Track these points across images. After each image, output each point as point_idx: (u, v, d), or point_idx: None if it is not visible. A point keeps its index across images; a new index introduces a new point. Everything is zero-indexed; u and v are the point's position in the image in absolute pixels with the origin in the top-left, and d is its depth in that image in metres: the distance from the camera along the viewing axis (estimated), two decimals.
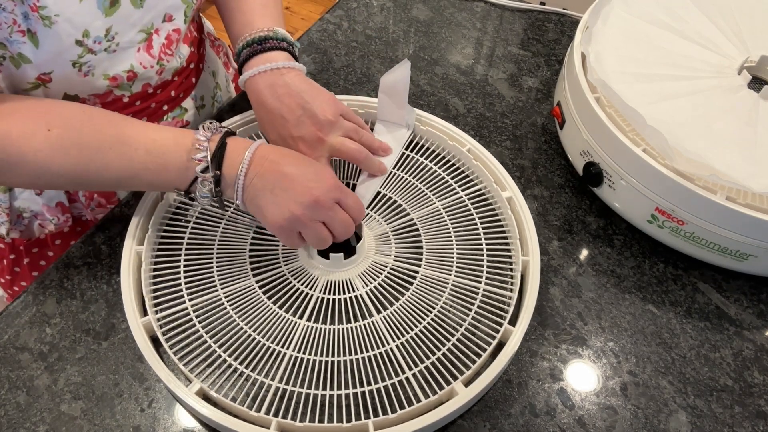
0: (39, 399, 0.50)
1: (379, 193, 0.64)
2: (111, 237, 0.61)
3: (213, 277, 0.56)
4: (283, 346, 0.52)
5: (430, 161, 0.67)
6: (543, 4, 0.91)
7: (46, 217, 0.66)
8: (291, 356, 0.52)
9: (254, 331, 0.53)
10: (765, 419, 0.51)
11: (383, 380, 0.50)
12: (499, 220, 0.62)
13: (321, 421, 0.48)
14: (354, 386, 0.50)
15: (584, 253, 0.62)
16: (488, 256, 0.58)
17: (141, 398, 0.50)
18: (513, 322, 0.52)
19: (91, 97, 0.58)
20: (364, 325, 0.54)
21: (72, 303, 0.56)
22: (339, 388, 0.50)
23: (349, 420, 0.48)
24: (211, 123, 0.53)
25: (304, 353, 0.52)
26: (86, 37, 0.52)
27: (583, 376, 0.53)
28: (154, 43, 0.59)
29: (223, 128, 0.54)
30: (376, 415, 0.48)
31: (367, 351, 0.52)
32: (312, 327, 0.54)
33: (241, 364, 0.51)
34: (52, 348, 0.53)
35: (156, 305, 0.54)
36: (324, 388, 0.50)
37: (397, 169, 0.66)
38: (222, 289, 0.55)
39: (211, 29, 0.83)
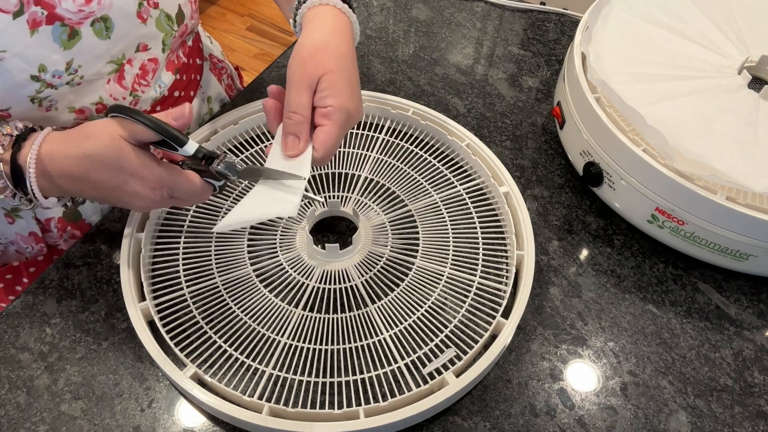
0: (39, 399, 0.50)
1: (361, 177, 0.64)
2: (111, 237, 0.61)
3: (211, 264, 0.57)
4: (278, 334, 0.53)
5: (430, 155, 0.67)
6: (543, 4, 0.91)
7: (21, 246, 0.65)
8: (285, 344, 0.52)
9: (250, 318, 0.54)
10: (765, 419, 0.51)
11: (376, 369, 0.51)
12: (496, 215, 0.62)
13: (313, 407, 0.49)
14: (347, 374, 0.51)
15: (584, 253, 0.62)
16: (484, 249, 0.59)
17: (141, 398, 0.50)
18: (506, 315, 0.53)
19: (60, 130, 0.56)
20: (359, 314, 0.55)
21: (72, 303, 0.56)
22: (332, 376, 0.51)
23: (340, 407, 0.49)
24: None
25: (298, 341, 0.53)
26: (43, 72, 0.50)
27: (583, 376, 0.53)
28: (127, 74, 0.57)
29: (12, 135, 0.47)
30: (367, 402, 0.49)
31: (361, 340, 0.53)
32: (307, 316, 0.55)
33: (236, 350, 0.52)
34: (52, 348, 0.53)
35: (154, 291, 0.55)
36: (317, 376, 0.51)
37: (397, 161, 0.67)
38: (219, 276, 0.56)
39: (216, 51, 0.81)
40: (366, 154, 0.67)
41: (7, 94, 0.50)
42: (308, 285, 0.56)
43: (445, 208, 0.62)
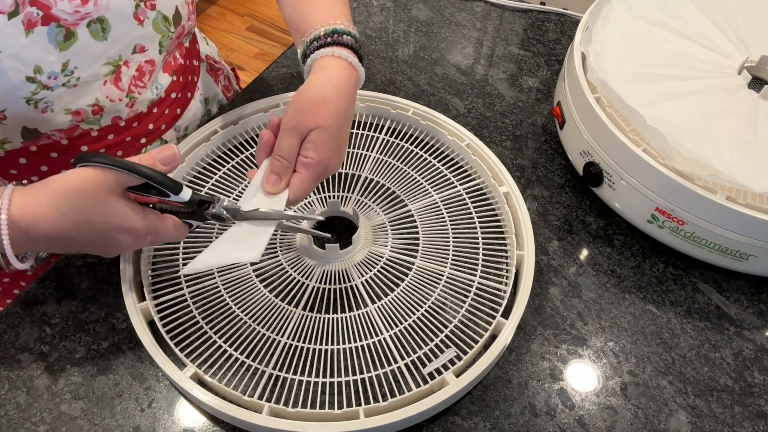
0: (39, 399, 0.50)
1: (366, 178, 0.64)
2: None
3: None
4: (278, 334, 0.53)
5: (429, 155, 0.67)
6: (543, 4, 0.91)
7: None
8: (285, 344, 0.52)
9: (250, 318, 0.54)
10: (765, 419, 0.51)
11: (376, 369, 0.51)
12: (496, 215, 0.62)
13: (313, 407, 0.49)
14: (347, 374, 0.51)
15: (584, 253, 0.62)
16: (484, 249, 0.59)
17: (141, 398, 0.50)
18: (506, 315, 0.53)
19: (56, 132, 0.56)
20: (359, 314, 0.55)
21: (72, 303, 0.56)
22: (332, 376, 0.51)
23: (340, 407, 0.49)
24: None
25: (298, 341, 0.53)
26: (38, 73, 0.49)
27: (583, 376, 0.53)
28: (123, 76, 0.57)
29: None
30: (367, 402, 0.49)
31: (361, 340, 0.53)
32: (307, 316, 0.55)
33: (236, 350, 0.52)
34: (52, 348, 0.53)
35: (154, 291, 0.55)
36: (317, 376, 0.51)
37: (397, 161, 0.67)
38: (219, 276, 0.56)
39: (213, 52, 0.81)
40: (366, 154, 0.67)
41: (2, 95, 0.49)
42: (308, 285, 0.56)
43: (445, 208, 0.62)
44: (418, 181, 0.65)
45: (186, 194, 0.47)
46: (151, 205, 0.48)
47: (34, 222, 0.43)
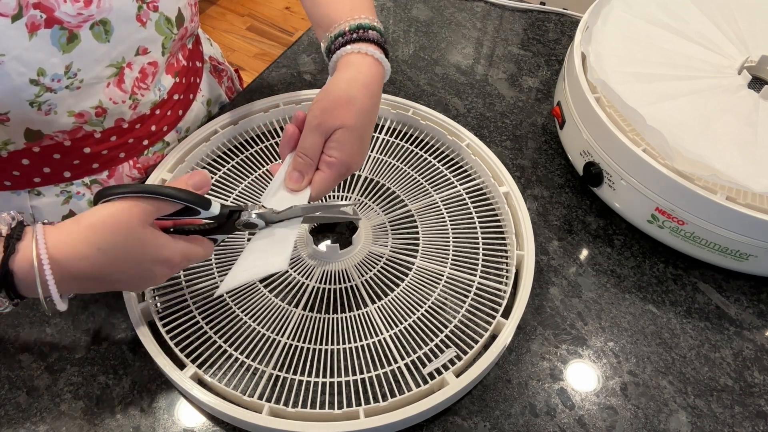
0: (39, 399, 0.50)
1: (366, 177, 0.64)
2: None
3: (211, 264, 0.57)
4: (278, 334, 0.53)
5: (430, 155, 0.67)
6: (543, 4, 0.91)
7: None
8: (285, 344, 0.53)
9: (250, 318, 0.54)
10: (765, 419, 0.51)
11: (376, 369, 0.51)
12: (496, 215, 0.62)
13: (313, 407, 0.49)
14: (347, 374, 0.51)
15: (584, 253, 0.62)
16: (484, 249, 0.59)
17: (141, 398, 0.50)
18: (506, 315, 0.53)
19: (59, 133, 0.55)
20: (359, 314, 0.55)
21: (72, 303, 0.56)
22: (332, 376, 0.51)
23: (340, 407, 0.49)
24: None
25: (298, 341, 0.53)
26: (42, 76, 0.49)
27: (583, 376, 0.53)
28: (126, 78, 0.57)
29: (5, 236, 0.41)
30: (367, 402, 0.49)
31: (361, 340, 0.53)
32: (307, 316, 0.55)
33: (236, 350, 0.52)
34: (52, 348, 0.53)
35: (154, 291, 0.55)
36: (317, 376, 0.51)
37: (397, 161, 0.67)
38: (219, 277, 0.56)
39: (216, 53, 0.81)
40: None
41: (5, 97, 0.49)
42: (308, 285, 0.56)
43: (445, 208, 0.62)
44: (418, 181, 0.65)
45: (216, 208, 0.47)
46: (171, 229, 0.48)
47: (71, 260, 0.42)
